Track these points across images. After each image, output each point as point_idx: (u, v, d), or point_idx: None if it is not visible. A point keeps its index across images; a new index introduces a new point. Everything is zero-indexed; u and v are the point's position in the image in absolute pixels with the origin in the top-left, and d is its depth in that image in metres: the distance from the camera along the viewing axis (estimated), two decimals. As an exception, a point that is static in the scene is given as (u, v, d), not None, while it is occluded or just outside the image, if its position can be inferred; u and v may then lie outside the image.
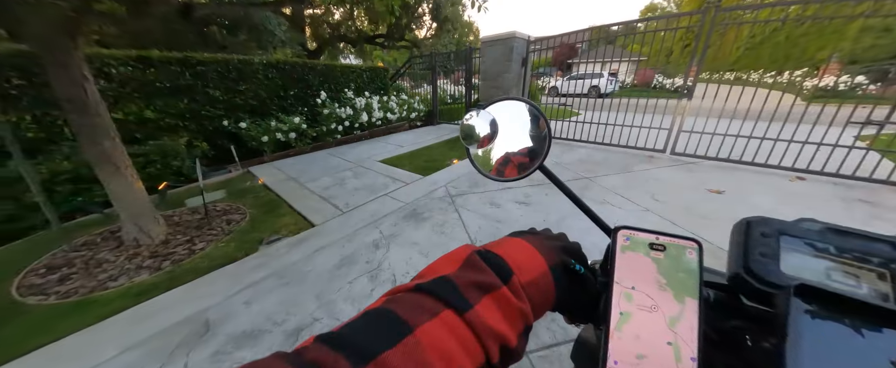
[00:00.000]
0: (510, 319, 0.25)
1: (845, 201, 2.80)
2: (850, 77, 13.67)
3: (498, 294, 0.25)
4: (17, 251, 2.58)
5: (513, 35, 5.09)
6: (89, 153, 2.11)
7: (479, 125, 0.38)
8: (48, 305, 1.88)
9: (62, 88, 1.89)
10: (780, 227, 0.33)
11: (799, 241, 0.31)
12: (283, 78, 5.24)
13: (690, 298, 0.27)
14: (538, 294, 0.29)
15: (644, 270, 0.29)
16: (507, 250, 0.30)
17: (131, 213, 2.33)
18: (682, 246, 0.30)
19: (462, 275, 0.26)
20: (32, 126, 3.26)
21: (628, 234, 0.31)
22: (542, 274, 0.29)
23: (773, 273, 0.30)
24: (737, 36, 11.91)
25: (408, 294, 0.24)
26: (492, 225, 2.57)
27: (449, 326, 0.22)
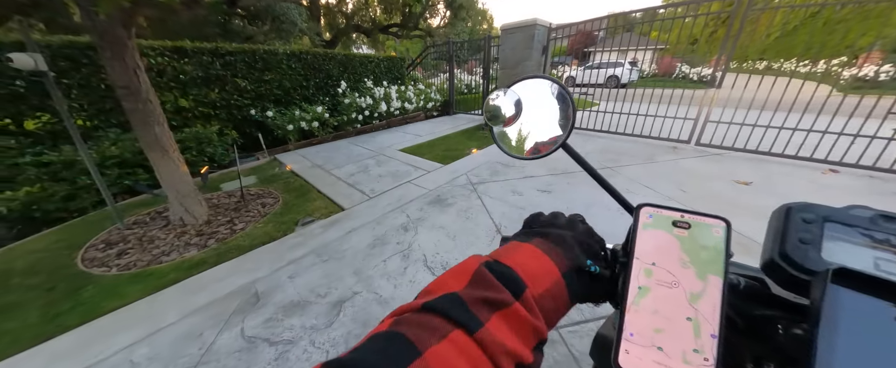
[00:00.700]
0: (523, 335, 0.24)
1: (882, 195, 2.71)
2: (893, 66, 12.79)
3: (509, 311, 0.25)
4: (75, 228, 2.82)
5: (534, 22, 5.02)
6: (141, 138, 2.27)
7: (504, 105, 0.38)
8: (112, 275, 2.08)
9: (118, 76, 2.04)
10: (825, 213, 0.31)
11: (846, 228, 0.29)
12: (305, 68, 5.36)
13: (714, 276, 0.26)
14: (551, 304, 0.28)
15: (666, 246, 0.29)
16: (516, 259, 0.29)
17: (178, 194, 2.50)
18: (708, 224, 0.29)
19: (471, 292, 0.25)
20: (82, 113, 3.49)
21: (651, 211, 0.31)
22: (554, 283, 0.28)
23: (811, 260, 0.28)
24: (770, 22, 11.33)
25: (415, 315, 0.24)
26: (515, 211, 2.63)
27: (459, 347, 0.21)
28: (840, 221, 0.30)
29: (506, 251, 0.31)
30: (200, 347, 1.47)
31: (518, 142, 0.44)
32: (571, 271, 0.30)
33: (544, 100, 0.41)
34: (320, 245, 2.25)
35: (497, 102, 0.38)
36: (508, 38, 5.41)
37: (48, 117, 3.30)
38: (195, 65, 4.10)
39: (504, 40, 5.49)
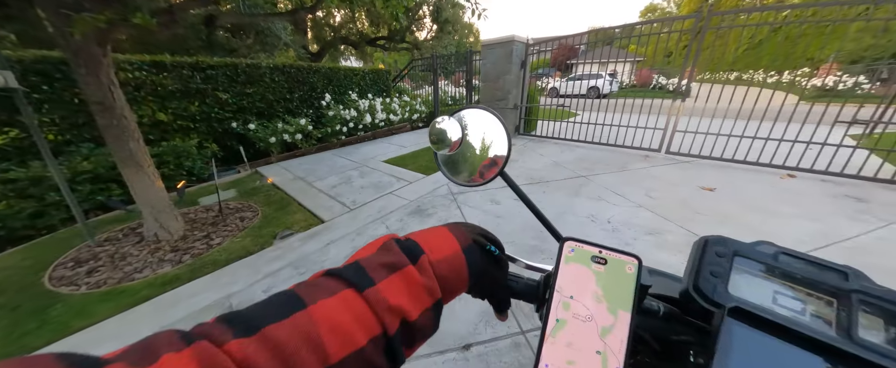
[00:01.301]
0: (414, 294, 0.27)
1: (833, 197, 2.92)
2: (849, 77, 13.73)
3: (404, 272, 0.27)
4: (43, 247, 2.73)
5: (512, 39, 5.23)
6: (115, 153, 2.25)
7: (449, 130, 0.39)
8: (81, 294, 2.02)
9: (92, 92, 2.04)
10: (736, 248, 0.33)
11: (752, 263, 0.32)
12: (289, 81, 5.40)
13: (624, 311, 0.28)
14: (450, 271, 0.30)
15: (584, 281, 0.30)
16: (423, 235, 0.32)
17: (152, 210, 2.47)
18: (623, 261, 0.31)
19: (372, 258, 0.28)
20: (53, 128, 3.41)
21: (574, 246, 0.32)
22: (454, 253, 0.31)
23: (718, 293, 0.30)
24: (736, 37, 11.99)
25: (315, 279, 0.26)
26: (492, 219, 2.70)
27: (345, 303, 0.24)
28: (748, 255, 0.32)
29: (419, 232, 0.33)
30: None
31: (460, 168, 0.45)
32: (472, 248, 0.33)
33: (484, 130, 0.42)
34: (298, 258, 2.25)
35: (442, 126, 0.39)
36: (489, 53, 5.61)
37: (16, 133, 3.22)
38: (175, 79, 4.09)
39: (485, 55, 5.68)
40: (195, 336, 0.19)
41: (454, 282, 0.31)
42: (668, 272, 0.41)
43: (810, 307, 0.29)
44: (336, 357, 0.22)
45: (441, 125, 0.39)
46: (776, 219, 2.51)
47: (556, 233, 0.41)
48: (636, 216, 2.64)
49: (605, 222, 2.58)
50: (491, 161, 0.42)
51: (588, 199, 3.04)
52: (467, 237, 0.34)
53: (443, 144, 0.39)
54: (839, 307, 0.28)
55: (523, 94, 5.92)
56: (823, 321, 0.28)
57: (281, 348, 0.20)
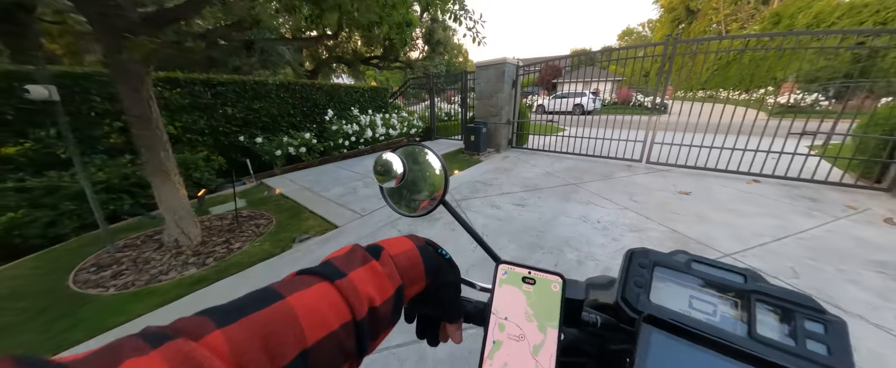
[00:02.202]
0: (379, 284, 0.30)
1: (791, 198, 3.32)
2: (806, 94, 14.96)
3: (368, 266, 0.30)
4: (57, 254, 2.79)
5: (504, 60, 5.68)
6: (147, 161, 2.41)
7: (394, 163, 0.42)
8: (110, 295, 2.12)
9: (133, 105, 2.23)
10: (655, 258, 0.36)
11: (670, 272, 0.35)
12: (293, 97, 5.64)
13: (551, 328, 0.29)
14: (407, 262, 0.33)
15: (516, 302, 0.32)
16: (385, 240, 0.36)
17: (175, 216, 2.60)
18: (549, 280, 0.32)
19: (340, 257, 0.31)
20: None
21: (506, 268, 0.34)
22: (409, 249, 0.35)
23: (641, 302, 0.33)
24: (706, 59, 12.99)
25: (291, 278, 0.28)
26: (495, 223, 2.94)
27: (320, 293, 0.26)
28: (666, 265, 0.35)
29: (380, 241, 0.36)
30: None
31: (404, 200, 0.48)
32: (425, 248, 0.37)
33: (424, 165, 0.45)
34: (318, 259, 2.40)
35: (388, 158, 0.42)
36: (482, 74, 6.04)
37: (30, 144, 3.31)
38: (185, 94, 4.27)
39: (479, 75, 6.11)
40: (169, 334, 0.19)
41: (412, 274, 0.34)
42: None
43: (720, 308, 0.32)
44: (311, 339, 0.23)
45: (386, 157, 0.42)
46: (742, 217, 2.86)
47: (494, 255, 0.44)
48: (622, 217, 2.94)
49: (596, 222, 2.86)
50: (431, 193, 0.45)
51: (578, 203, 3.34)
52: (421, 240, 0.38)
53: (388, 176, 0.42)
54: (741, 307, 0.31)
55: (515, 110, 6.33)
56: (732, 320, 0.31)
57: (262, 332, 0.21)
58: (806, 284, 1.91)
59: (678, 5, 34.50)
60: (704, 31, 31.85)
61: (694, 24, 33.14)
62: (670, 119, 4.57)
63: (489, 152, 6.19)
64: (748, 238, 2.47)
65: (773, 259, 2.17)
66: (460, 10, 2.83)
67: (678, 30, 35.09)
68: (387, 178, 0.42)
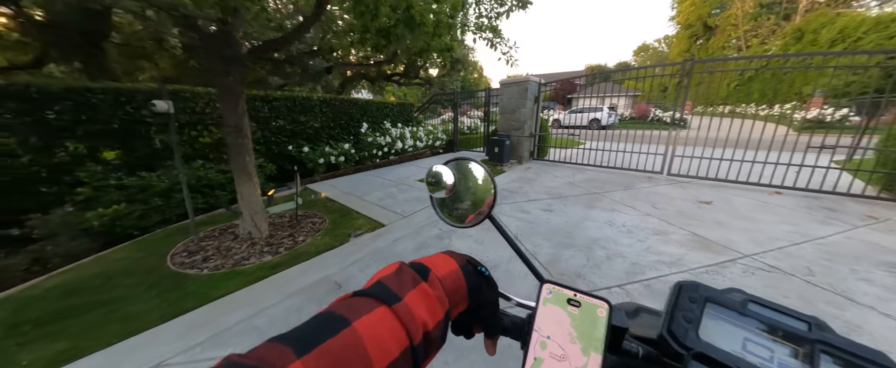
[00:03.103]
0: (430, 308, 0.31)
1: (810, 209, 3.46)
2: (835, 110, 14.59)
3: (419, 288, 0.32)
4: (147, 243, 3.27)
5: (527, 78, 6.10)
6: (234, 164, 2.88)
7: (444, 175, 0.43)
8: (206, 275, 2.53)
9: (229, 117, 2.71)
10: (707, 294, 0.35)
11: (723, 309, 0.34)
12: (333, 111, 6.21)
13: (595, 353, 0.30)
14: (453, 285, 0.35)
15: (560, 322, 0.32)
16: (426, 259, 0.37)
17: (251, 211, 3.04)
18: (595, 305, 0.33)
19: (391, 277, 0.32)
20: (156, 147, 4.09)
21: (552, 288, 0.35)
22: (453, 270, 0.36)
23: (689, 338, 0.32)
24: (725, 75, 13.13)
25: (348, 300, 0.29)
26: (525, 225, 3.24)
27: (381, 318, 0.27)
28: (719, 302, 0.34)
29: (422, 257, 0.38)
30: (309, 315, 1.94)
31: (453, 210, 0.49)
32: (467, 266, 0.38)
33: (474, 178, 0.47)
34: (374, 250, 2.78)
35: (438, 170, 0.43)
36: (506, 91, 6.46)
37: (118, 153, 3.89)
38: (249, 109, 4.86)
39: (502, 92, 6.54)
40: (253, 365, 0.20)
41: (457, 296, 0.35)
42: (658, 309, 0.42)
43: (778, 355, 0.30)
44: (378, 367, 0.24)
45: (437, 169, 0.44)
46: (761, 224, 3.04)
47: (538, 274, 0.44)
48: (645, 222, 3.18)
49: (621, 225, 3.11)
50: (480, 206, 0.47)
51: (603, 210, 3.59)
52: (461, 258, 0.39)
53: (438, 186, 0.44)
54: (804, 357, 0.29)
55: (537, 124, 6.68)
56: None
57: (336, 362, 0.23)
58: (820, 280, 2.10)
59: (695, 22, 34.56)
60: (723, 46, 31.64)
61: (712, 41, 33.01)
62: (690, 134, 4.77)
63: (512, 163, 6.52)
64: (766, 242, 2.66)
65: (790, 260, 2.37)
66: (496, 39, 3.25)
67: (696, 46, 34.99)
68: (437, 188, 0.44)
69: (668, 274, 2.23)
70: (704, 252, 2.52)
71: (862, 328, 1.69)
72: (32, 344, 1.83)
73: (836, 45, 18.18)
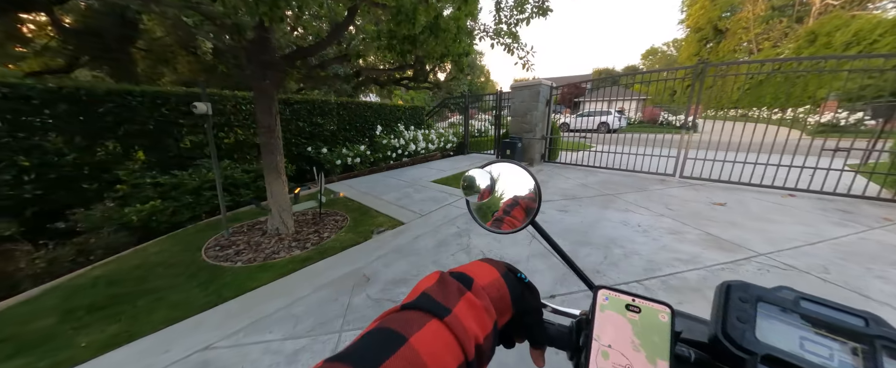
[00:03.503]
0: (479, 319, 0.30)
1: (825, 211, 3.48)
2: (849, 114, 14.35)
3: (466, 299, 0.31)
4: (180, 237, 3.44)
5: (539, 82, 6.20)
6: (265, 163, 3.04)
7: (479, 179, 0.42)
8: (240, 267, 2.68)
9: (263, 118, 2.87)
10: (758, 293, 0.34)
11: (775, 308, 0.33)
12: (350, 114, 6.39)
13: (661, 360, 0.29)
14: (497, 293, 0.34)
15: (621, 329, 0.31)
16: (467, 267, 0.37)
17: (279, 208, 3.19)
18: (656, 309, 0.32)
19: (436, 288, 0.31)
20: (184, 147, 4.29)
21: (607, 294, 0.34)
22: (495, 279, 0.36)
23: (747, 340, 0.31)
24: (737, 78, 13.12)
25: (398, 314, 0.28)
26: (543, 224, 3.32)
27: (435, 333, 0.26)
28: (770, 301, 0.33)
29: (461, 266, 0.38)
30: (342, 305, 2.07)
31: (491, 216, 0.48)
32: (507, 274, 0.38)
33: (515, 181, 0.46)
34: (397, 247, 2.90)
35: (473, 174, 0.42)
36: (518, 94, 6.57)
37: (157, 150, 4.10)
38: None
39: (514, 95, 6.65)
40: None
41: (501, 305, 0.35)
42: (694, 314, 0.41)
43: (838, 354, 0.29)
44: None
45: (471, 173, 0.43)
46: (775, 224, 3.09)
47: (589, 282, 0.43)
48: (659, 222, 3.24)
49: (635, 225, 3.18)
50: (522, 211, 0.46)
51: (617, 211, 3.66)
52: (501, 265, 0.39)
53: (472, 190, 0.43)
54: (864, 354, 0.28)
55: (548, 127, 6.77)
56: (852, 366, 0.28)
57: None
58: (835, 278, 2.15)
59: (705, 25, 34.31)
60: (734, 49, 31.33)
61: (723, 44, 32.71)
62: (701, 138, 4.81)
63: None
64: (781, 242, 2.71)
65: (805, 259, 2.42)
66: (514, 43, 3.37)
67: (706, 49, 34.69)
68: (471, 192, 0.43)
69: (685, 271, 2.30)
70: (719, 251, 2.58)
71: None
72: (87, 328, 1.98)
73: (851, 47, 17.91)
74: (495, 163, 0.47)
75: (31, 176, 3.19)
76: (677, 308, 0.36)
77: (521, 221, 0.47)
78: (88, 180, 3.52)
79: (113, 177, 3.59)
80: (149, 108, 3.87)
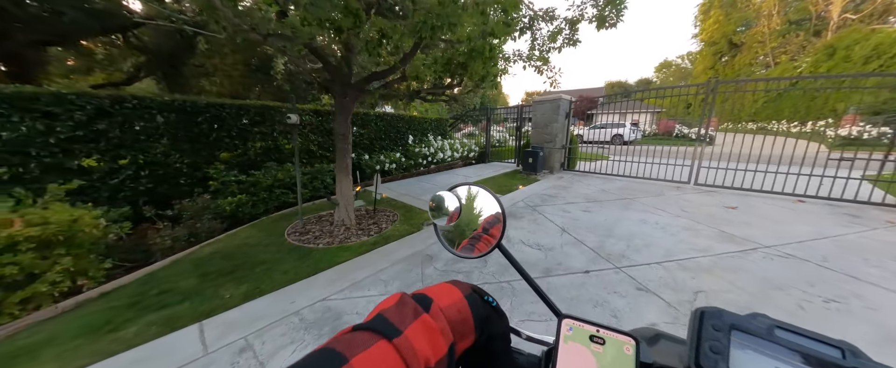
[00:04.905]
0: (433, 341, 0.30)
1: (834, 214, 3.83)
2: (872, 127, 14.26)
3: (421, 320, 0.31)
4: (260, 226, 4.06)
5: (559, 97, 6.75)
6: (338, 164, 3.65)
7: (448, 201, 0.42)
8: (321, 248, 3.25)
9: (341, 128, 3.50)
10: (731, 321, 0.33)
11: (750, 337, 0.32)
12: (385, 125, 7.08)
13: None
14: (457, 315, 0.34)
15: (584, 362, 0.31)
16: (429, 289, 0.36)
17: (346, 202, 3.78)
18: (621, 341, 0.31)
19: (393, 310, 0.32)
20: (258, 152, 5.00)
21: (572, 324, 0.33)
22: (457, 300, 0.35)
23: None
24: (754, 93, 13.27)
25: (348, 335, 0.29)
26: (570, 221, 3.80)
27: (381, 354, 0.27)
28: (744, 329, 0.32)
29: (425, 288, 0.37)
30: (417, 274, 2.60)
31: (458, 240, 0.49)
32: (472, 296, 0.37)
33: (482, 206, 0.46)
34: (448, 235, 3.42)
35: (441, 195, 0.43)
36: (539, 107, 7.13)
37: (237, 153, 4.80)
38: (323, 121, 5.78)
39: (535, 108, 7.21)
40: None
41: (462, 328, 0.34)
42: (677, 335, 0.40)
43: None
44: None
45: (440, 194, 0.44)
46: (784, 224, 3.47)
47: (555, 308, 0.42)
48: (675, 221, 3.66)
49: (654, 223, 3.61)
50: (488, 235, 0.46)
51: (636, 212, 4.10)
52: (466, 287, 0.38)
53: (440, 212, 0.43)
54: None
55: (567, 138, 7.27)
56: None
57: None
58: (832, 265, 2.54)
59: (720, 39, 34.40)
60: (750, 63, 31.22)
61: (738, 57, 32.66)
62: (716, 150, 5.22)
63: (545, 173, 7.09)
64: (786, 237, 3.10)
65: (808, 251, 2.81)
66: (544, 65, 3.94)
67: (721, 63, 34.66)
68: (439, 214, 0.44)
69: (698, 257, 2.73)
70: (730, 244, 3.00)
71: (863, 296, 2.14)
72: (223, 286, 2.56)
73: (871, 61, 17.79)
74: (463, 186, 0.49)
75: (146, 172, 3.90)
76: (661, 330, 0.37)
77: (488, 245, 0.47)
78: (185, 176, 4.23)
79: (202, 175, 4.28)
80: (234, 118, 4.60)
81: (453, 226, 0.46)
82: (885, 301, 2.06)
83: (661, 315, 1.95)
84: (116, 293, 2.49)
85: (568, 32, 3.51)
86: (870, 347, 1.63)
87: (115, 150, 3.70)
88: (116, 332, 2.01)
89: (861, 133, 11.37)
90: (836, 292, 2.18)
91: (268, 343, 1.87)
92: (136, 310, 2.23)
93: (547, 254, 2.92)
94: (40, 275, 2.26)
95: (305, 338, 1.89)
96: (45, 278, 2.26)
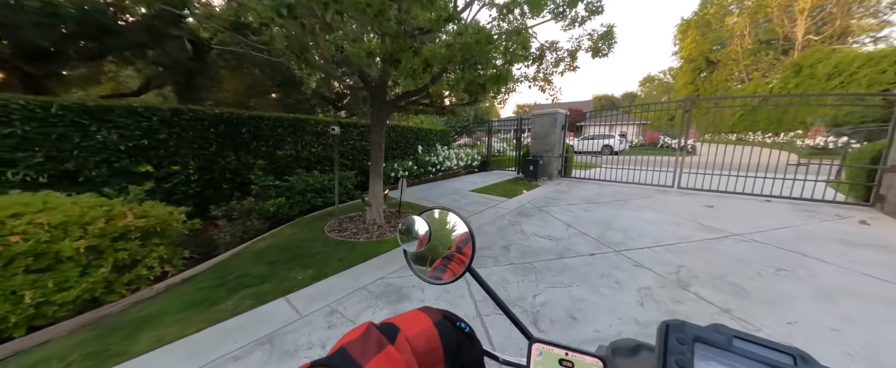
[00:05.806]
0: None
1: (795, 210, 4.53)
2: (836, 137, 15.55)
3: (385, 353, 0.30)
4: (302, 224, 4.50)
5: (556, 110, 7.49)
6: (372, 169, 4.18)
7: (418, 225, 0.43)
8: (363, 241, 3.73)
9: (375, 137, 4.05)
10: (694, 333, 0.34)
11: (711, 349, 0.33)
12: (397, 135, 7.66)
13: None
14: (425, 344, 0.34)
15: None
16: (398, 318, 0.36)
17: (377, 204, 4.28)
18: (589, 364, 0.33)
19: (355, 343, 0.31)
20: (288, 159, 5.47)
21: (541, 348, 0.34)
22: (426, 329, 0.35)
23: None
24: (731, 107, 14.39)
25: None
26: (574, 218, 4.38)
27: None
28: (707, 341, 0.34)
29: (395, 316, 0.37)
30: (453, 258, 3.11)
31: (428, 264, 0.49)
32: (443, 323, 0.37)
33: (452, 231, 0.47)
34: (471, 230, 3.95)
35: (413, 219, 0.43)
36: (538, 120, 7.84)
37: (265, 162, 5.27)
38: (346, 133, 6.31)
39: (534, 121, 7.92)
40: None
41: (431, 358, 0.34)
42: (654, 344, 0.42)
43: None
44: None
45: (411, 218, 0.44)
46: (752, 219, 4.13)
47: (526, 332, 0.43)
48: (663, 218, 4.29)
49: (645, 219, 4.23)
50: (461, 254, 0.46)
51: (629, 210, 4.72)
52: (436, 314, 0.38)
53: (410, 236, 0.44)
54: None
55: (563, 147, 7.97)
56: None
57: None
58: (787, 247, 3.17)
59: (698, 57, 36.71)
60: (726, 78, 33.35)
61: (715, 74, 34.84)
62: (698, 159, 5.97)
63: (544, 180, 7.73)
64: (753, 227, 3.75)
65: (769, 237, 3.45)
66: (547, 85, 4.60)
67: (700, 78, 36.84)
68: (409, 239, 0.44)
69: (682, 243, 3.34)
70: (707, 233, 3.62)
71: (806, 266, 2.75)
72: (291, 270, 3.01)
73: (833, 78, 19.50)
74: (433, 210, 0.51)
75: (195, 177, 4.34)
76: (642, 341, 0.40)
77: (461, 264, 0.48)
78: (227, 181, 4.67)
79: (241, 180, 4.73)
80: (270, 128, 5.10)
81: (424, 251, 0.47)
82: (822, 270, 2.68)
83: (653, 282, 2.51)
84: (198, 278, 2.91)
85: (568, 60, 4.19)
86: (808, 299, 2.24)
87: (172, 157, 4.15)
88: (216, 305, 2.45)
89: (827, 143, 12.51)
90: (786, 264, 2.79)
91: (349, 308, 2.34)
92: (225, 290, 2.67)
93: (558, 243, 3.47)
94: (141, 261, 2.69)
95: (378, 303, 2.38)
96: (144, 262, 2.69)
